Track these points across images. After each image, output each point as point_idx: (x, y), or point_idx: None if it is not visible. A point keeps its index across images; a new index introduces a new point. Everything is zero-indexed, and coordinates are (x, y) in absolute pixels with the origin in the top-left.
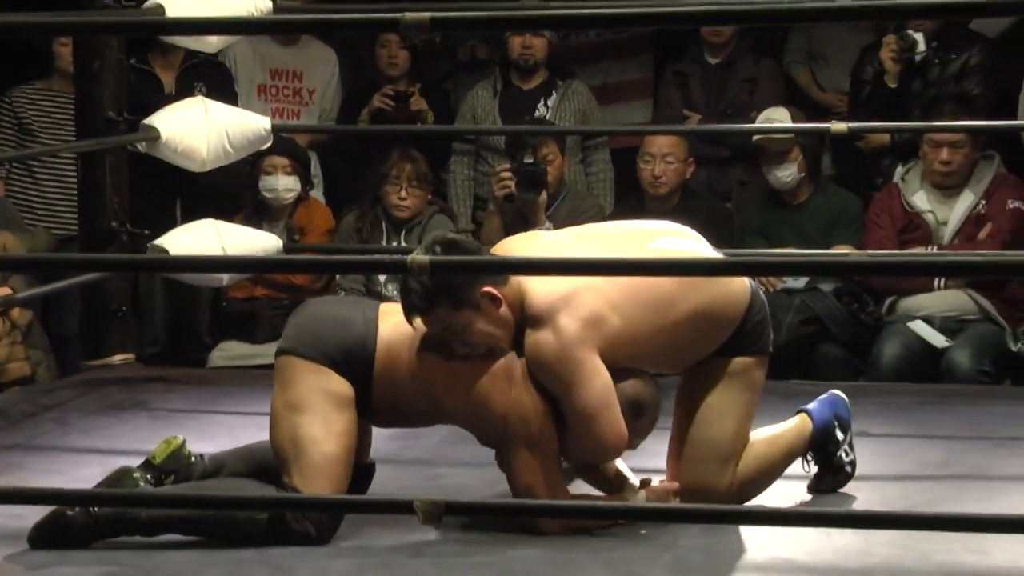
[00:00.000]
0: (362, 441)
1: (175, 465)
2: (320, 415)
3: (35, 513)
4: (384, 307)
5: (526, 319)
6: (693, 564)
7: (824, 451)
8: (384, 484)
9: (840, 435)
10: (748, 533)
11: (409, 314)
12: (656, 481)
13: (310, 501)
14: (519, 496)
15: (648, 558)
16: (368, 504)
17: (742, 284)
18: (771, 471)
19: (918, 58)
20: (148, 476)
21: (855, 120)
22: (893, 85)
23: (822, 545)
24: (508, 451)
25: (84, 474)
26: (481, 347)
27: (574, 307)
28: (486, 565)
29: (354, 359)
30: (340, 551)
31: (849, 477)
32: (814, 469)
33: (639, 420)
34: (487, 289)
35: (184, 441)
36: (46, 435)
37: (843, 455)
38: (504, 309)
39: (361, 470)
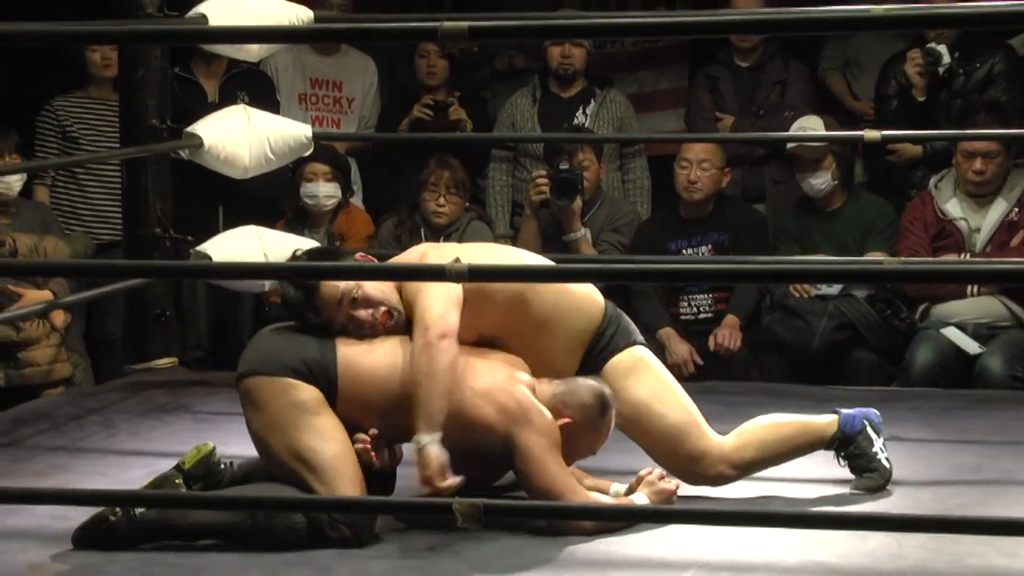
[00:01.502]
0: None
1: (203, 471)
2: (303, 425)
3: (80, 514)
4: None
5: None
6: (726, 564)
7: (857, 447)
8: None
9: (873, 434)
10: (780, 535)
11: (307, 301)
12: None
13: (352, 503)
14: (538, 497)
15: (681, 558)
16: (408, 505)
17: (592, 298)
18: (773, 453)
19: (942, 70)
20: (177, 481)
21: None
22: (921, 99)
23: (855, 548)
24: (521, 462)
25: (128, 476)
26: (382, 305)
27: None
28: (524, 567)
29: (316, 368)
30: (379, 552)
31: (889, 475)
32: (846, 468)
33: (604, 417)
34: (359, 255)
35: (214, 448)
36: (91, 437)
37: (879, 452)
38: None
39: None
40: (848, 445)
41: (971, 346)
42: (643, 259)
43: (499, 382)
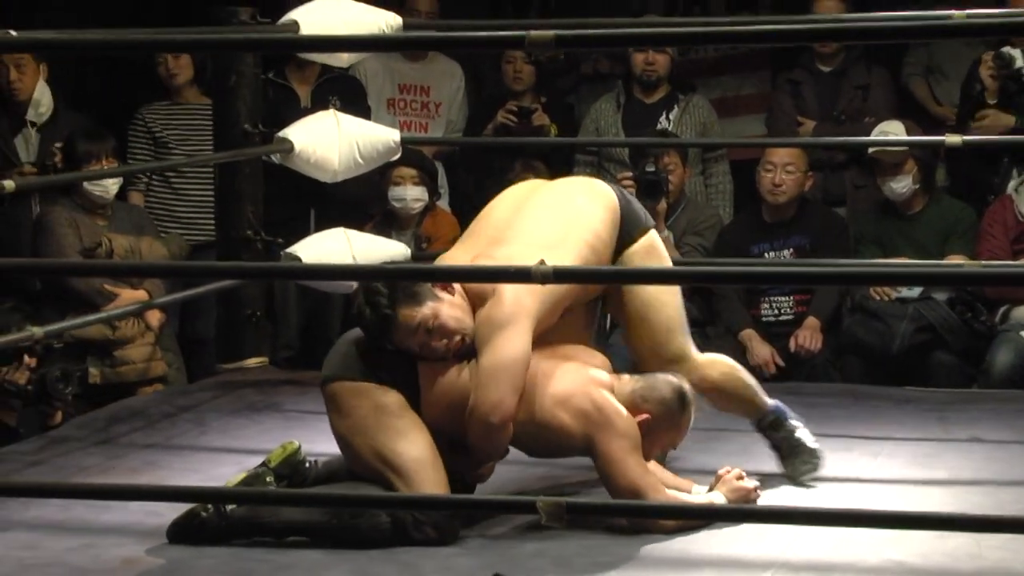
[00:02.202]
0: None
1: (288, 470)
2: (387, 428)
3: (173, 510)
4: None
5: (474, 298)
6: (806, 564)
7: (786, 429)
8: (506, 484)
9: (792, 421)
10: (859, 534)
11: (385, 326)
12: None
13: (438, 501)
14: (621, 498)
15: (761, 557)
16: (493, 503)
17: (610, 196)
18: (731, 388)
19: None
20: (268, 480)
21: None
22: (992, 102)
23: (934, 547)
24: (602, 464)
25: (220, 473)
26: (457, 334)
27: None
28: (607, 564)
29: (399, 373)
30: (464, 549)
31: (820, 457)
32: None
33: (683, 412)
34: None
35: (299, 447)
36: (184, 435)
37: (803, 435)
38: (458, 292)
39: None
40: (780, 427)
41: None
42: (726, 261)
43: (577, 386)
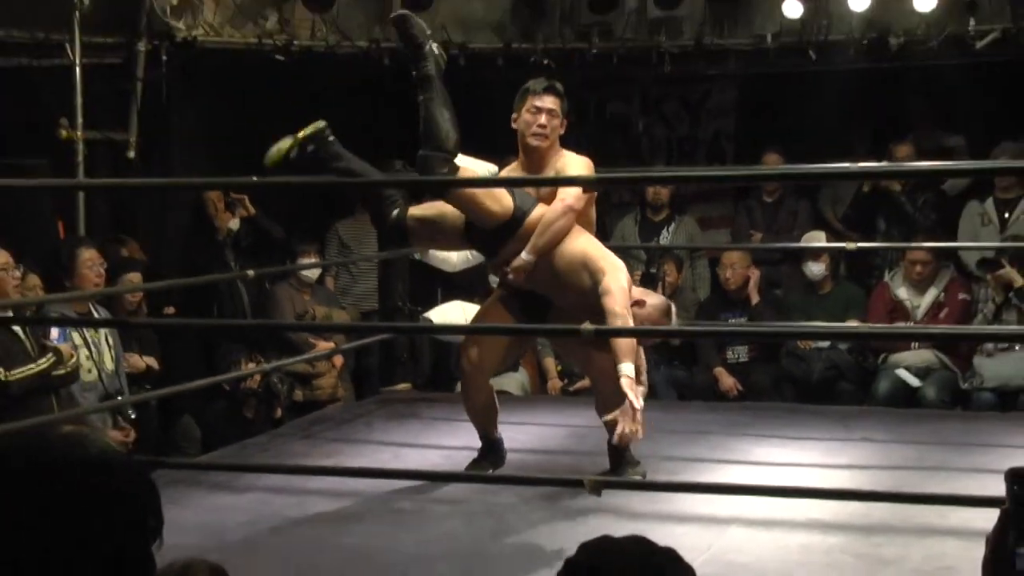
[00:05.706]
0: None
1: (316, 143)
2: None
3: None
4: None
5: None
6: (756, 519)
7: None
8: (561, 466)
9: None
10: (790, 501)
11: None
12: None
13: (521, 479)
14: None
15: (725, 514)
16: (553, 481)
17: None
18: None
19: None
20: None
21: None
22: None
23: (839, 509)
24: (603, 289)
25: (379, 458)
26: (551, 135)
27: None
28: (681, 519)
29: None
30: (534, 507)
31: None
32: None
33: (666, 318)
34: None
35: (326, 125)
36: (357, 432)
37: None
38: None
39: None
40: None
41: (914, 381)
42: (704, 323)
43: (603, 255)
